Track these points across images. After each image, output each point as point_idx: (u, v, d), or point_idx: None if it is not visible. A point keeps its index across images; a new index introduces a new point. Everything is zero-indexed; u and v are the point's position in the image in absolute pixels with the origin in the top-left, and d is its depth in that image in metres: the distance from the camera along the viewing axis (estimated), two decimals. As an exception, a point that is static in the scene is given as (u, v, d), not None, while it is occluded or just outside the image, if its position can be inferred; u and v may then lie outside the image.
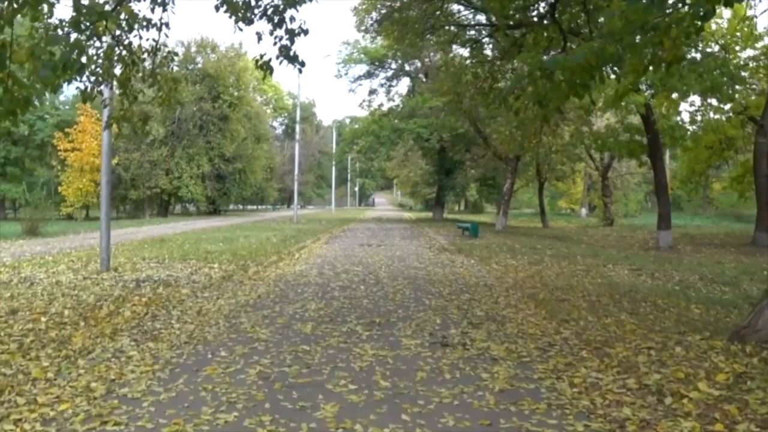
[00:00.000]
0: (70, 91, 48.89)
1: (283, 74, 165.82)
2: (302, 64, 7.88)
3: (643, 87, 22.85)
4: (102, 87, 9.40)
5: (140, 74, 8.61)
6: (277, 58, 7.85)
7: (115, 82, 8.56)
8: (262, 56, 8.01)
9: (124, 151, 39.76)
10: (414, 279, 11.29)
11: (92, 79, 8.35)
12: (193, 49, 46.41)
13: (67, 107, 42.79)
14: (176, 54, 8.73)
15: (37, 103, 33.76)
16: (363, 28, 25.69)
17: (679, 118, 26.68)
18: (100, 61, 8.46)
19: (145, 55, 8.58)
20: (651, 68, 6.47)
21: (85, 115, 35.12)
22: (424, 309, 8.21)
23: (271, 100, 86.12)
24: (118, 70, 8.64)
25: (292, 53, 7.79)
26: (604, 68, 6.32)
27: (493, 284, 10.92)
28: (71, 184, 34.80)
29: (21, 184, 41.56)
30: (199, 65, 46.83)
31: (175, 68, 36.63)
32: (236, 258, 14.32)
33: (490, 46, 19.20)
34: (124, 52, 8.32)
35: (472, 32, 19.78)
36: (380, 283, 10.67)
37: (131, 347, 5.98)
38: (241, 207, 72.24)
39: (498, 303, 8.90)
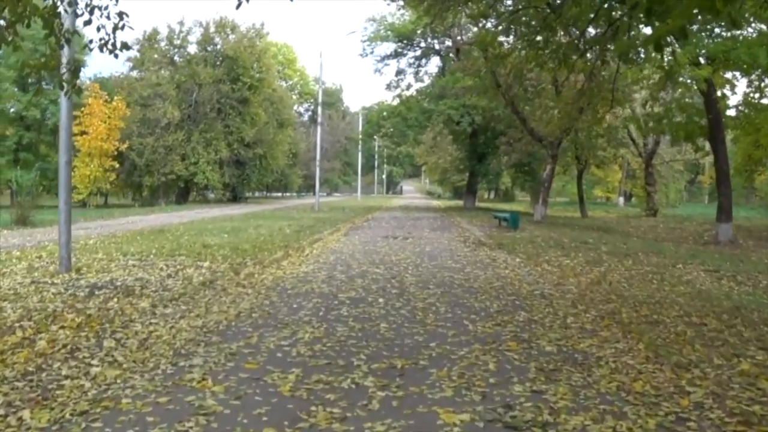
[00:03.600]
0: (86, 73, 47.22)
1: (309, 59, 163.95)
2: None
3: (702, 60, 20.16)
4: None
5: (72, 8, 6.26)
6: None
7: (37, 19, 6.22)
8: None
9: (138, 136, 37.73)
10: (449, 286, 8.77)
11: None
12: (212, 29, 44.04)
13: (86, 92, 40.81)
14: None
15: (49, 86, 31.51)
16: (388, -5, 23.03)
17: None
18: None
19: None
20: None
21: (93, 97, 33.07)
22: (468, 340, 5.70)
23: (296, 85, 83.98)
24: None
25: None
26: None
27: (553, 295, 8.36)
28: (79, 170, 32.79)
29: (34, 169, 39.98)
30: (218, 46, 44.53)
31: (194, 49, 33.80)
32: (235, 254, 11.97)
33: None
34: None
35: (509, 2, 17.26)
36: (405, 293, 8.16)
37: (-10, 421, 3.61)
38: (265, 194, 70.21)
39: (569, 327, 6.37)
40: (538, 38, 9.28)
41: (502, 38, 14.95)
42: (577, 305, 7.63)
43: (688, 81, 20.62)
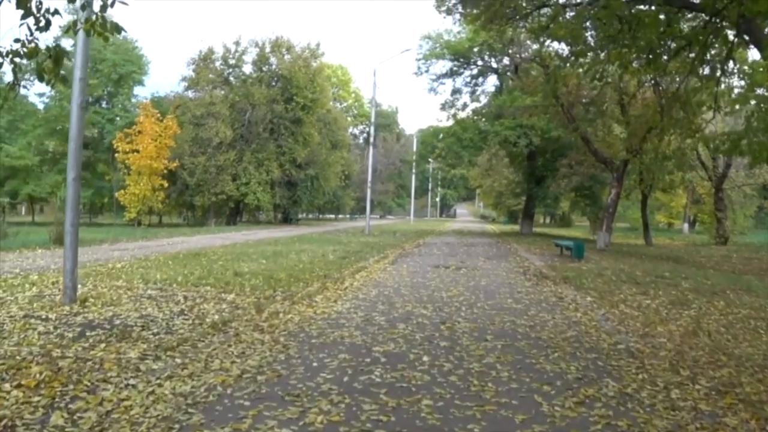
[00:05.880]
0: (143, 93, 47.64)
1: (365, 82, 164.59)
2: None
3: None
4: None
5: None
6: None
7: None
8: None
9: (190, 155, 37.33)
10: (512, 337, 7.14)
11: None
12: (267, 48, 43.67)
13: (137, 110, 41.07)
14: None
15: (106, 105, 31.71)
16: (444, 8, 21.68)
17: None
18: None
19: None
20: None
21: (145, 115, 32.81)
22: None
23: (351, 107, 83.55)
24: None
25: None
26: None
27: (642, 351, 6.67)
28: (128, 189, 32.50)
29: (91, 188, 40.26)
30: (273, 66, 44.08)
31: (248, 69, 33.27)
32: (266, 285, 10.67)
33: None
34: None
35: (572, 14, 15.62)
36: (457, 346, 6.57)
37: None
38: (318, 216, 69.59)
39: (677, 408, 4.70)
40: (625, 37, 7.66)
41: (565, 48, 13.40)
42: (678, 369, 5.93)
43: None
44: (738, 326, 8.48)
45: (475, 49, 34.44)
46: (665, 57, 7.83)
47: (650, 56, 7.40)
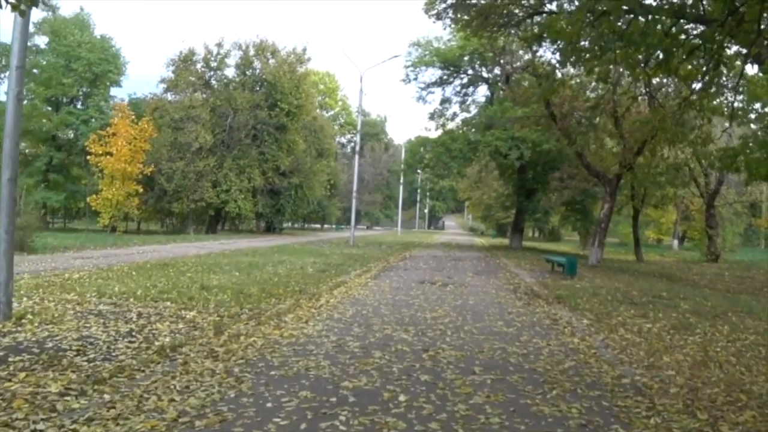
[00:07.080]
0: (120, 93, 46.37)
1: (352, 91, 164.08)
2: None
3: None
4: None
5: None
6: None
7: None
8: None
9: (167, 160, 36.17)
10: (503, 369, 6.24)
11: None
12: (251, 52, 42.68)
13: (113, 111, 40.00)
14: None
15: (82, 106, 30.59)
16: (434, 12, 20.93)
17: None
18: None
19: None
20: None
21: (120, 116, 31.69)
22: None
23: (338, 115, 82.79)
24: None
25: None
26: None
27: (650, 386, 5.83)
28: (101, 194, 31.30)
29: (64, 192, 39.05)
30: (257, 71, 43.11)
31: (231, 72, 31.88)
32: (233, 300, 9.75)
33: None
34: None
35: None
36: (440, 381, 5.64)
37: None
38: (303, 225, 68.46)
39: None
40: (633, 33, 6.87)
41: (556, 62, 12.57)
42: (693, 410, 5.10)
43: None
44: (748, 355, 7.72)
45: (466, 58, 33.81)
46: (676, 60, 7.06)
47: (661, 57, 6.62)
